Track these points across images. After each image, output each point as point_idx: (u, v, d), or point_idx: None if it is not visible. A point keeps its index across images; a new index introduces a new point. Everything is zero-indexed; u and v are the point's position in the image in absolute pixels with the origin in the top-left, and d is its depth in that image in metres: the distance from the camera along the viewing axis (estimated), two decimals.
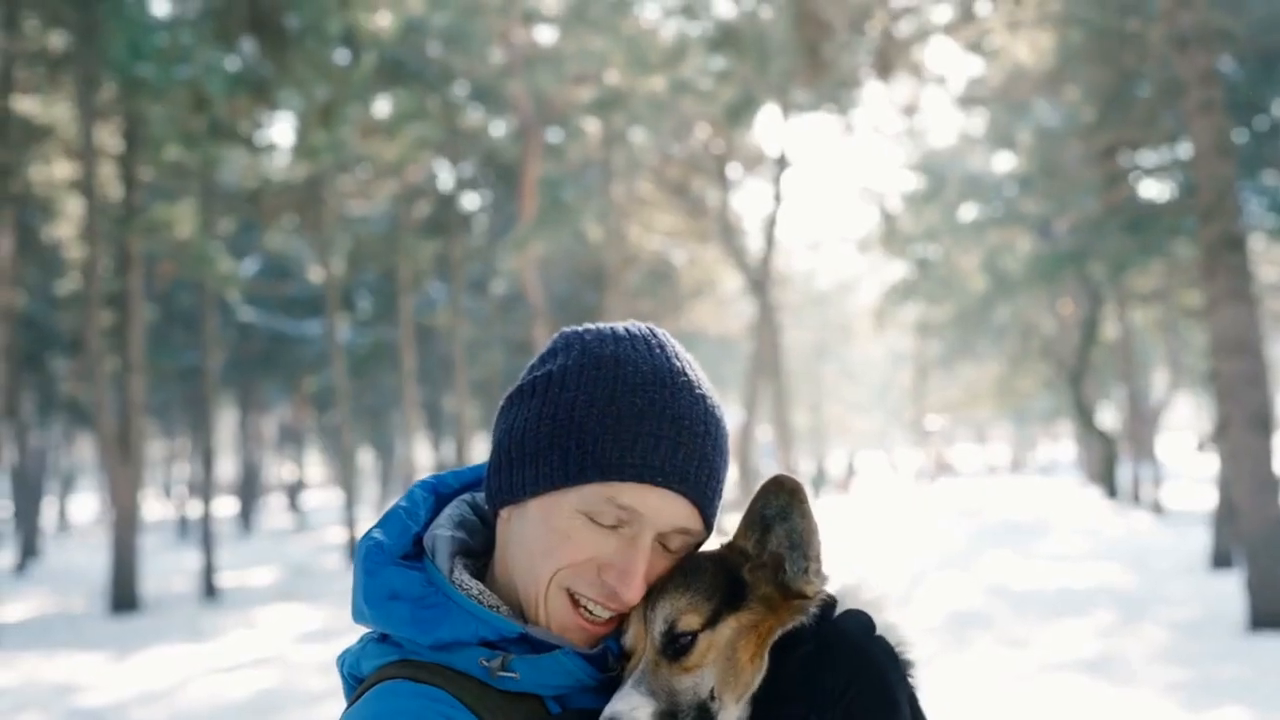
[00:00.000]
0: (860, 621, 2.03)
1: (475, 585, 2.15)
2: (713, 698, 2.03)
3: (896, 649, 2.03)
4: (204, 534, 31.13)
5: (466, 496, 2.32)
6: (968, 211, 51.07)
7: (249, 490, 60.94)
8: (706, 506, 2.12)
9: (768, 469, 60.48)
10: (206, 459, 32.88)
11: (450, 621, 2.08)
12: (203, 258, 27.79)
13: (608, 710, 2.00)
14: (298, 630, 23.72)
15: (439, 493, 2.33)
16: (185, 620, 26.07)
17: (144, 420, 32.02)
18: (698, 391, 2.15)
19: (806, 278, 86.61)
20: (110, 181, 30.76)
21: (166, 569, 37.83)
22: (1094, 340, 48.74)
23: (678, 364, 2.17)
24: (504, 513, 2.19)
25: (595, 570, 2.07)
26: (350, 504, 38.15)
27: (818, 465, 78.34)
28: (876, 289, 71.58)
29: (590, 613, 2.09)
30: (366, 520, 51.12)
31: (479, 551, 2.26)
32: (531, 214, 38.06)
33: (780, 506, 2.07)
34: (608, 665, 2.14)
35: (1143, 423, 51.08)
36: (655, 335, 2.22)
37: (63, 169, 32.82)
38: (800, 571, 2.07)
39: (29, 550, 42.27)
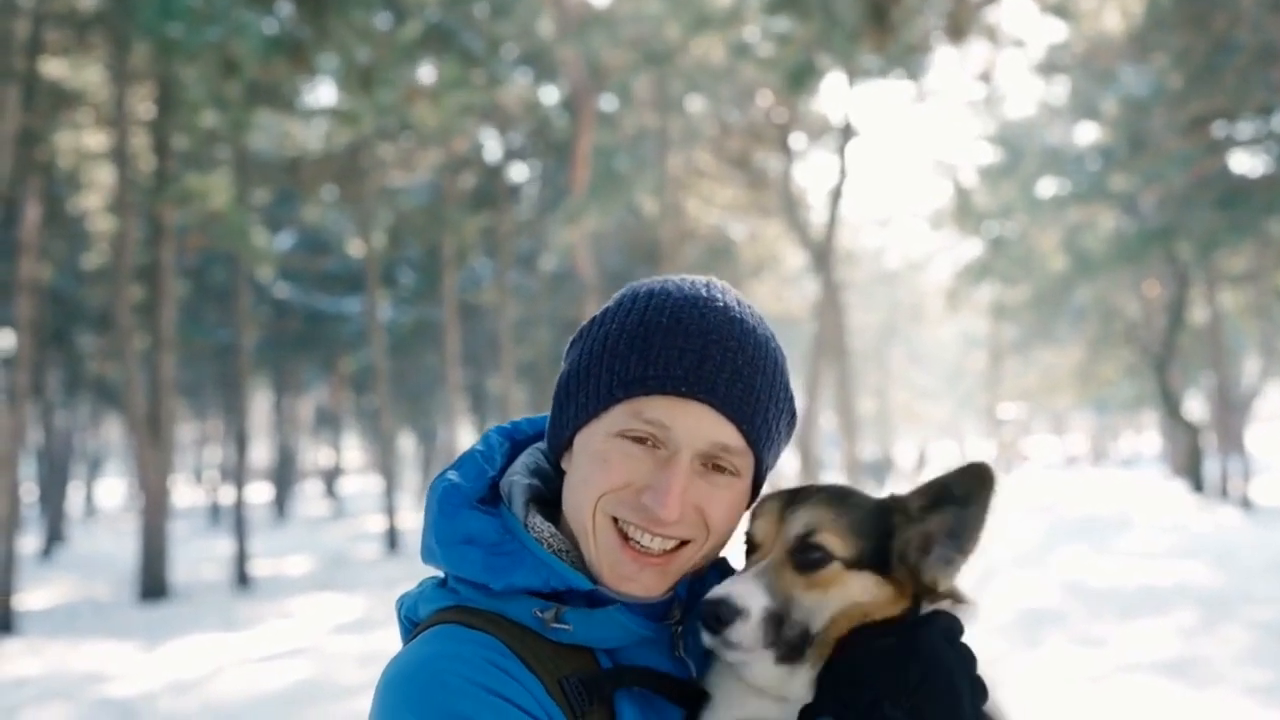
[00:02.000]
0: (947, 626, 2.10)
1: (548, 529, 2.29)
2: (813, 635, 2.13)
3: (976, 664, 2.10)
4: (236, 520, 31.41)
5: (541, 444, 2.45)
6: (1047, 186, 50.78)
7: (284, 476, 61.33)
8: (744, 422, 2.21)
9: (830, 458, 60.48)
10: (240, 442, 33.15)
11: (523, 569, 2.21)
12: (237, 230, 27.99)
13: (720, 589, 2.13)
14: (334, 621, 23.93)
15: (514, 439, 2.47)
16: (217, 609, 26.35)
17: (175, 401, 32.30)
18: (734, 314, 2.26)
19: (874, 255, 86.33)
20: (141, 150, 31.02)
21: (197, 556, 38.19)
22: (1181, 324, 48.40)
23: (717, 294, 2.29)
24: (563, 462, 2.34)
25: (635, 494, 2.18)
26: (389, 491, 38.41)
27: (884, 454, 78.14)
28: (948, 268, 71.35)
29: (640, 544, 2.20)
30: (406, 508, 51.46)
31: (552, 500, 2.37)
32: (583, 186, 38.13)
33: (966, 489, 2.15)
34: (670, 616, 2.27)
35: (1232, 412, 50.80)
36: (707, 279, 2.34)
37: (92, 137, 33.15)
38: (943, 563, 2.16)
39: (55, 535, 42.74)
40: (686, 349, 2.20)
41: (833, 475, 55.43)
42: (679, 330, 2.21)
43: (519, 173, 46.30)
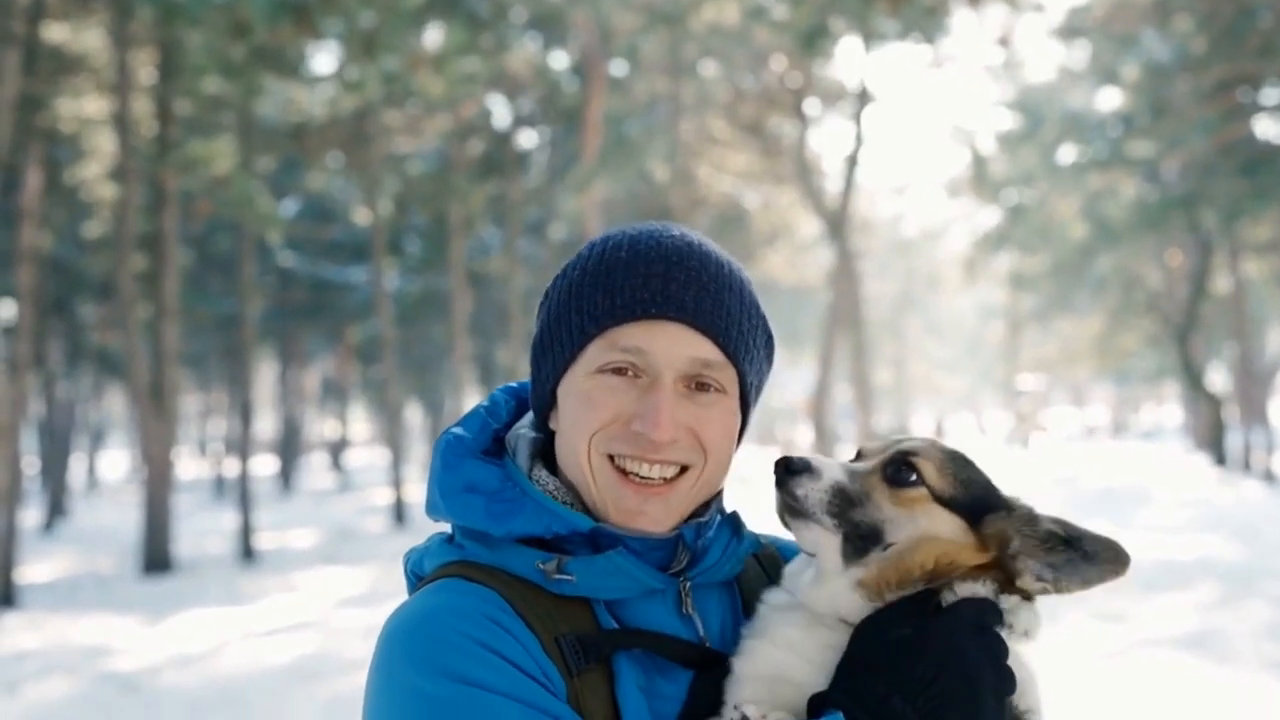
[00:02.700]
0: (976, 614, 2.12)
1: (552, 481, 2.35)
2: (884, 543, 2.19)
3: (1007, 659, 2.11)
4: (241, 493, 31.47)
5: None
6: (1067, 153, 50.65)
7: (289, 448, 61.45)
8: (719, 335, 2.26)
9: (846, 430, 60.49)
10: (244, 414, 33.18)
11: (524, 515, 2.26)
12: (242, 197, 27.98)
13: (801, 457, 2.23)
14: (340, 594, 24.00)
15: (520, 398, 2.52)
16: (221, 583, 26.42)
17: (178, 371, 32.40)
18: (690, 239, 2.33)
19: (890, 224, 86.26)
20: (144, 116, 31.02)
21: (201, 530, 38.28)
22: (1203, 294, 48.28)
23: (671, 227, 2.35)
24: (551, 422, 2.38)
25: (625, 426, 2.23)
26: (396, 463, 38.47)
27: (900, 426, 78.09)
28: (966, 237, 71.26)
29: (639, 475, 2.25)
30: (414, 481, 51.54)
31: (555, 463, 2.42)
32: (593, 153, 38.10)
33: (1096, 551, 2.20)
34: (676, 562, 2.31)
35: (1255, 384, 50.75)
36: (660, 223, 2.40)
37: (93, 103, 33.15)
38: (1033, 576, 2.20)
39: (57, 508, 42.84)
40: (650, 274, 2.25)
41: (848, 449, 55.43)
42: (639, 260, 2.27)
43: (528, 139, 46.26)
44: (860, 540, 2.19)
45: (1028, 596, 2.22)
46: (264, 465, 69.23)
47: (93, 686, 16.36)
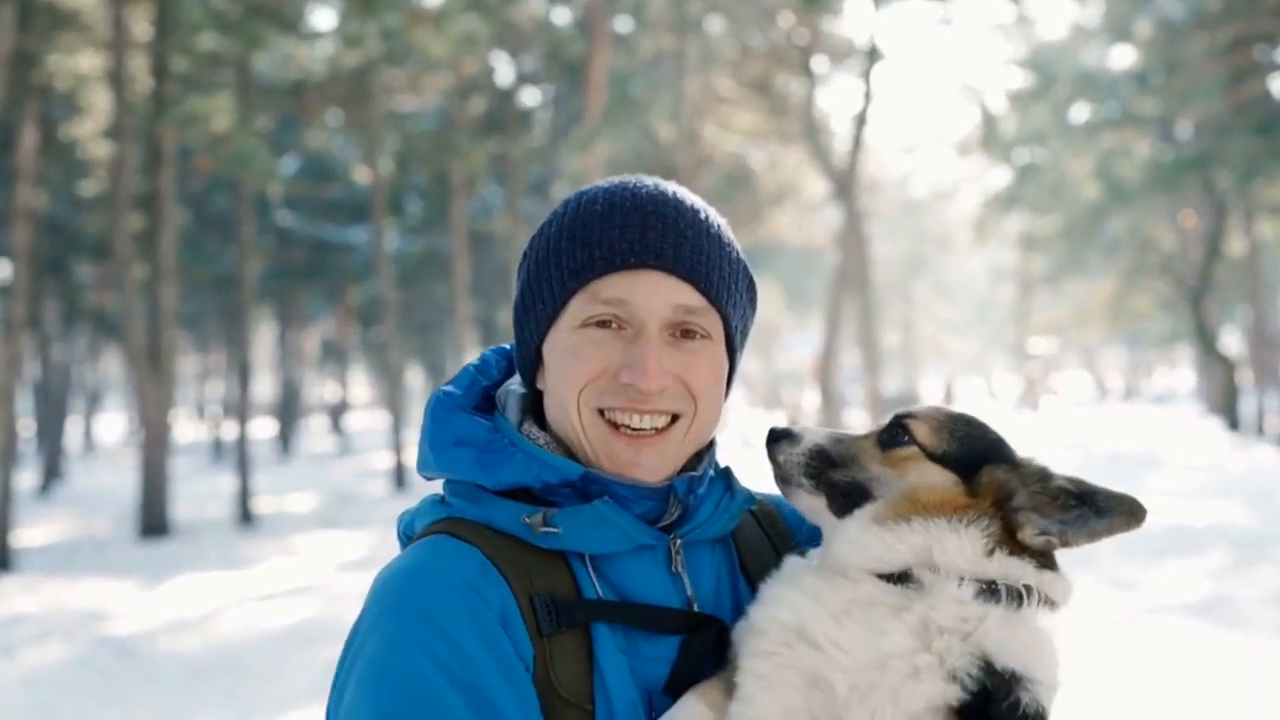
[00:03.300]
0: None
1: (542, 435, 2.38)
2: (873, 499, 2.26)
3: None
4: (240, 457, 31.52)
5: None
6: (1079, 112, 50.56)
7: (288, 411, 61.49)
8: (700, 280, 2.30)
9: (853, 394, 60.45)
10: (243, 376, 33.19)
11: (513, 464, 2.30)
12: (240, 155, 27.94)
13: (785, 426, 2.36)
14: (339, 559, 24.05)
15: (511, 357, 2.55)
16: (219, 547, 26.48)
17: (175, 332, 32.37)
18: (664, 188, 2.36)
19: (899, 184, 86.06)
20: (140, 73, 30.94)
21: (199, 493, 38.34)
22: (1217, 255, 48.16)
23: (644, 179, 2.38)
24: (539, 383, 2.41)
25: (613, 379, 2.27)
26: (397, 427, 38.49)
27: (908, 390, 78.08)
28: (976, 197, 71.18)
29: (630, 427, 2.28)
30: (414, 444, 51.40)
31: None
32: (597, 111, 38.00)
33: (1109, 507, 2.23)
34: (667, 516, 2.33)
35: (1269, 348, 50.69)
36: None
37: (89, 60, 33.06)
38: (1039, 531, 2.23)
39: (52, 471, 42.92)
40: (626, 224, 2.28)
41: (854, 412, 55.47)
42: (615, 212, 2.30)
43: (531, 97, 46.18)
44: (844, 499, 2.28)
45: (1046, 561, 2.26)
46: (263, 428, 69.26)
47: (89, 651, 16.42)
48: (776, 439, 2.37)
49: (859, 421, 47.37)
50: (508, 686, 2.13)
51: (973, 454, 2.29)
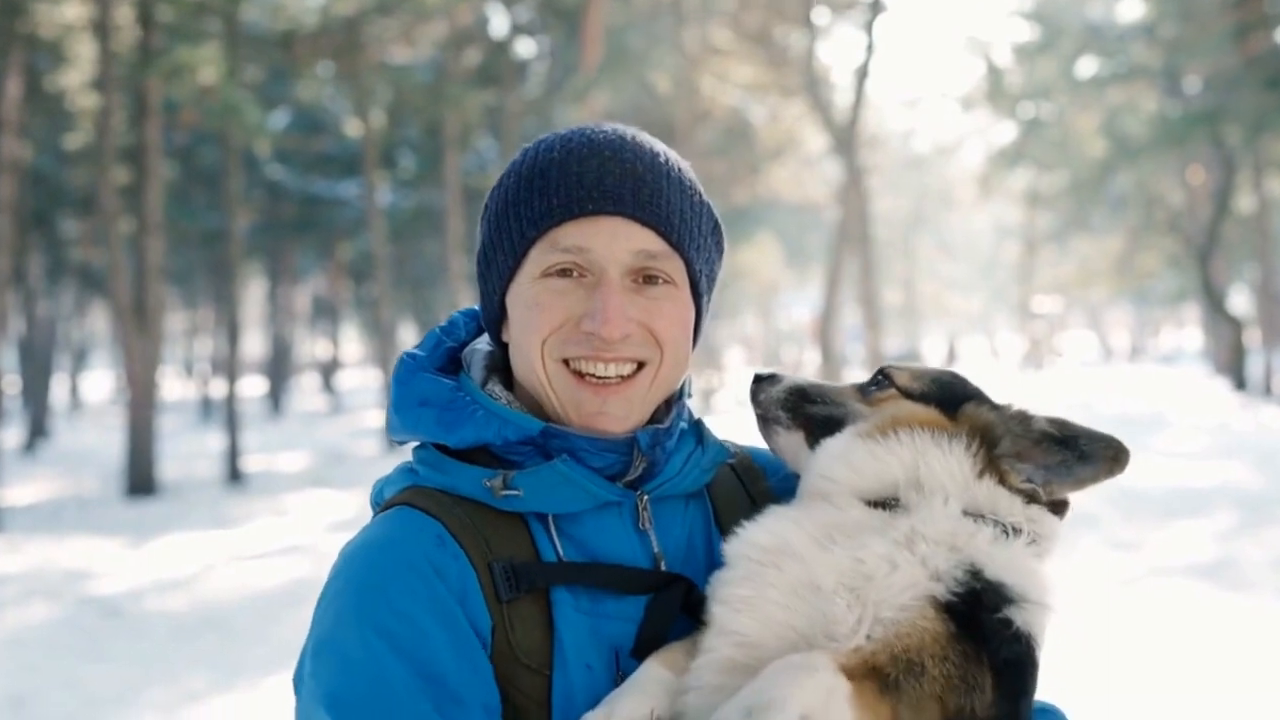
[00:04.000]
0: None
1: (506, 395, 2.39)
2: (838, 427, 2.32)
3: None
4: (228, 415, 31.49)
5: None
6: (1086, 65, 50.52)
7: (278, 369, 61.48)
8: (661, 224, 2.30)
9: (854, 353, 60.50)
10: (232, 333, 33.15)
11: (474, 421, 2.32)
12: (228, 107, 27.86)
13: (771, 370, 2.41)
14: (330, 518, 24.07)
15: (479, 318, 2.55)
16: (207, 506, 26.50)
17: (163, 288, 32.32)
18: (621, 131, 2.37)
19: (901, 138, 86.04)
20: (126, 23, 30.81)
21: (187, 452, 38.37)
22: (1226, 212, 48.08)
23: (602, 125, 2.39)
24: (504, 336, 2.42)
25: (575, 328, 2.27)
26: (388, 385, 38.43)
27: (910, 348, 78.13)
28: (980, 152, 71.18)
29: (595, 376, 2.29)
30: None
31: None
32: (594, 63, 37.91)
33: (1093, 450, 2.24)
34: (632, 470, 2.33)
35: (1278, 307, 50.63)
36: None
37: (74, 8, 32.93)
38: (1023, 477, 2.26)
39: (38, 430, 42.92)
40: (584, 171, 2.29)
41: (855, 371, 55.50)
42: (571, 158, 2.31)
43: (526, 48, 45.99)
44: (821, 431, 2.34)
45: (1033, 499, 2.26)
46: (252, 386, 69.27)
47: (75, 611, 16.44)
48: (758, 381, 2.44)
49: (859, 380, 47.49)
50: (462, 665, 2.16)
51: (952, 395, 2.34)
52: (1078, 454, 2.23)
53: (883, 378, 2.39)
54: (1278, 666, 11.94)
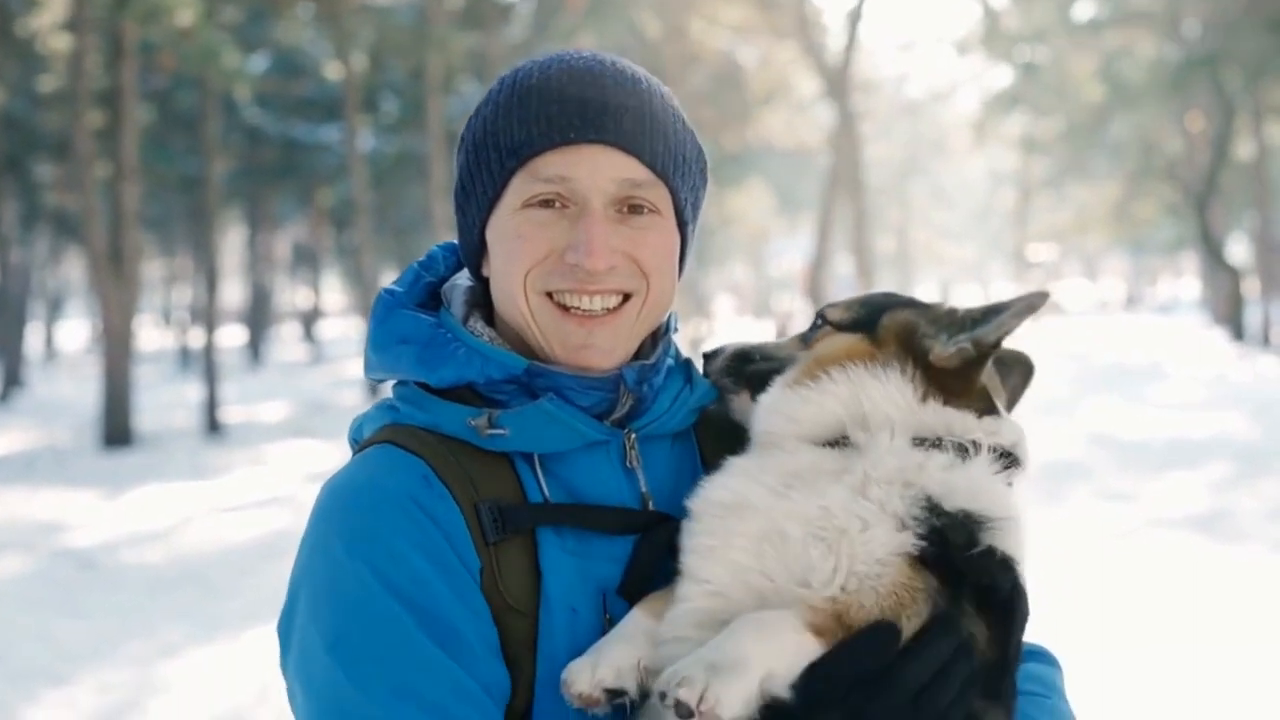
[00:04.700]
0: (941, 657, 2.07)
1: (488, 332, 2.37)
2: (776, 370, 2.34)
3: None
4: (207, 365, 31.46)
5: None
6: (1083, 8, 50.38)
7: (258, 318, 61.41)
8: (644, 152, 2.27)
9: None
10: (210, 281, 33.08)
11: (456, 360, 2.30)
12: (206, 49, 27.71)
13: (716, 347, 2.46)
14: (311, 469, 24.07)
15: (459, 253, 2.52)
16: (185, 457, 26.51)
17: (139, 235, 32.23)
18: (600, 58, 2.34)
19: (895, 83, 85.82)
20: None
21: (165, 402, 38.34)
22: (1225, 160, 48.04)
23: (582, 51, 2.36)
24: (484, 270, 2.40)
25: (559, 260, 2.25)
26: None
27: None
28: (975, 97, 71.05)
29: (580, 309, 2.27)
30: None
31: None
32: (580, 4, 37.76)
33: (1010, 301, 2.26)
34: (619, 408, 2.32)
35: (1277, 255, 50.67)
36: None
37: None
38: (945, 342, 2.26)
39: (12, 380, 42.85)
40: (564, 99, 2.26)
41: None
42: (551, 86, 2.28)
43: None
44: (763, 385, 2.34)
45: (988, 407, 2.29)
46: (231, 336, 69.18)
47: (49, 563, 16.47)
48: (707, 359, 2.48)
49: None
50: (457, 599, 2.15)
51: (875, 311, 2.34)
52: (995, 306, 2.26)
53: (819, 318, 2.40)
54: (1272, 618, 11.99)
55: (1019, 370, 2.47)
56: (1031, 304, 2.22)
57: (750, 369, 2.39)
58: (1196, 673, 10.42)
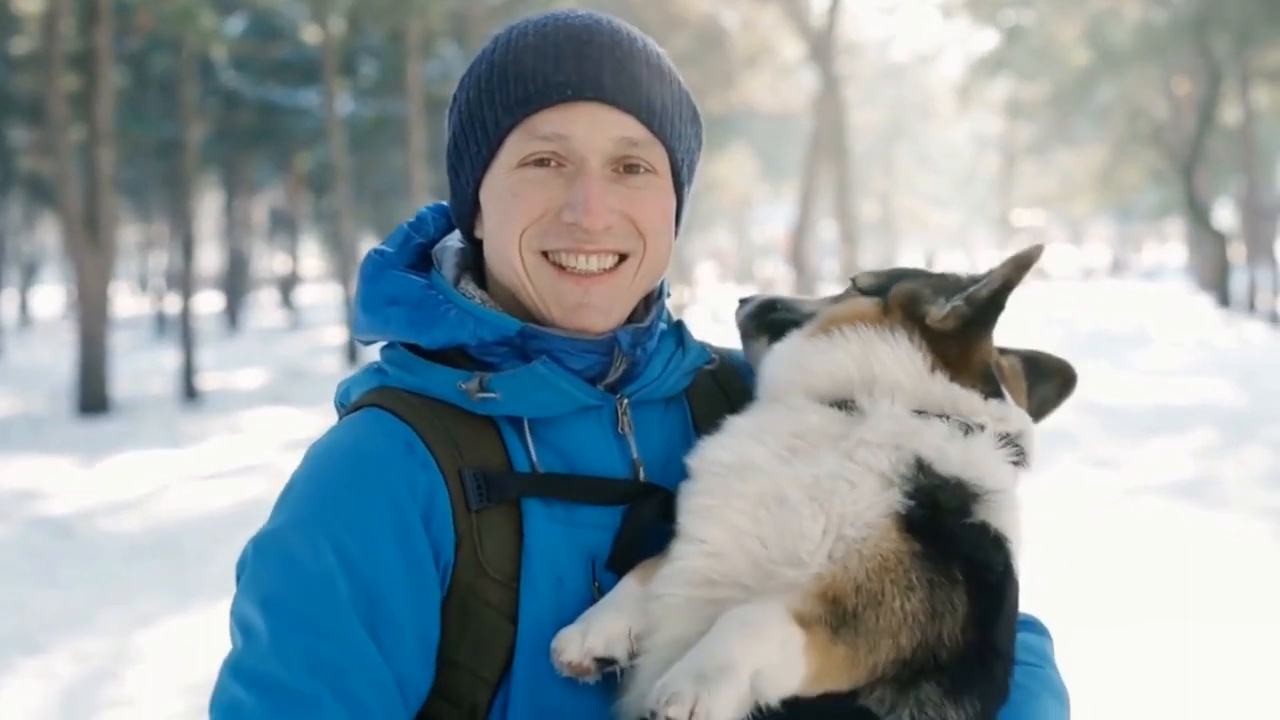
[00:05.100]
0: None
1: (480, 294, 2.36)
2: (796, 324, 2.38)
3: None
4: (183, 331, 31.38)
5: None
6: None
7: (235, 284, 61.27)
8: (641, 110, 2.27)
9: (829, 268, 60.53)
10: (187, 247, 33.02)
11: (447, 322, 2.29)
12: (183, 10, 27.65)
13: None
14: (289, 436, 24.04)
15: (449, 215, 2.51)
16: (161, 424, 26.46)
17: (115, 200, 32.13)
18: (596, 16, 2.33)
19: (879, 46, 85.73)
20: None
21: (141, 369, 38.24)
22: (1211, 125, 48.07)
23: (575, 10, 2.36)
24: (477, 232, 2.39)
25: (555, 219, 2.25)
26: (349, 301, 38.35)
27: (887, 264, 78.22)
28: (960, 61, 70.98)
29: (577, 269, 2.27)
30: None
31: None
32: None
33: (1009, 264, 2.27)
34: (613, 371, 2.32)
35: (1263, 221, 50.78)
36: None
37: None
38: (940, 305, 2.28)
39: None
40: (561, 55, 2.26)
41: (830, 287, 55.52)
42: (547, 43, 2.28)
43: None
44: (777, 337, 2.38)
45: (992, 389, 2.28)
46: (208, 302, 68.96)
47: (24, 531, 16.45)
48: (740, 304, 2.50)
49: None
50: (409, 591, 2.15)
51: (893, 279, 2.36)
52: (989, 271, 2.28)
53: (851, 282, 2.42)
54: (1256, 585, 12.04)
55: (1057, 379, 2.48)
56: (1028, 257, 2.24)
57: (773, 317, 2.42)
58: (1181, 641, 10.46)
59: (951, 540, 2.07)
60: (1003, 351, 2.39)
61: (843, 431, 2.18)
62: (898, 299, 2.30)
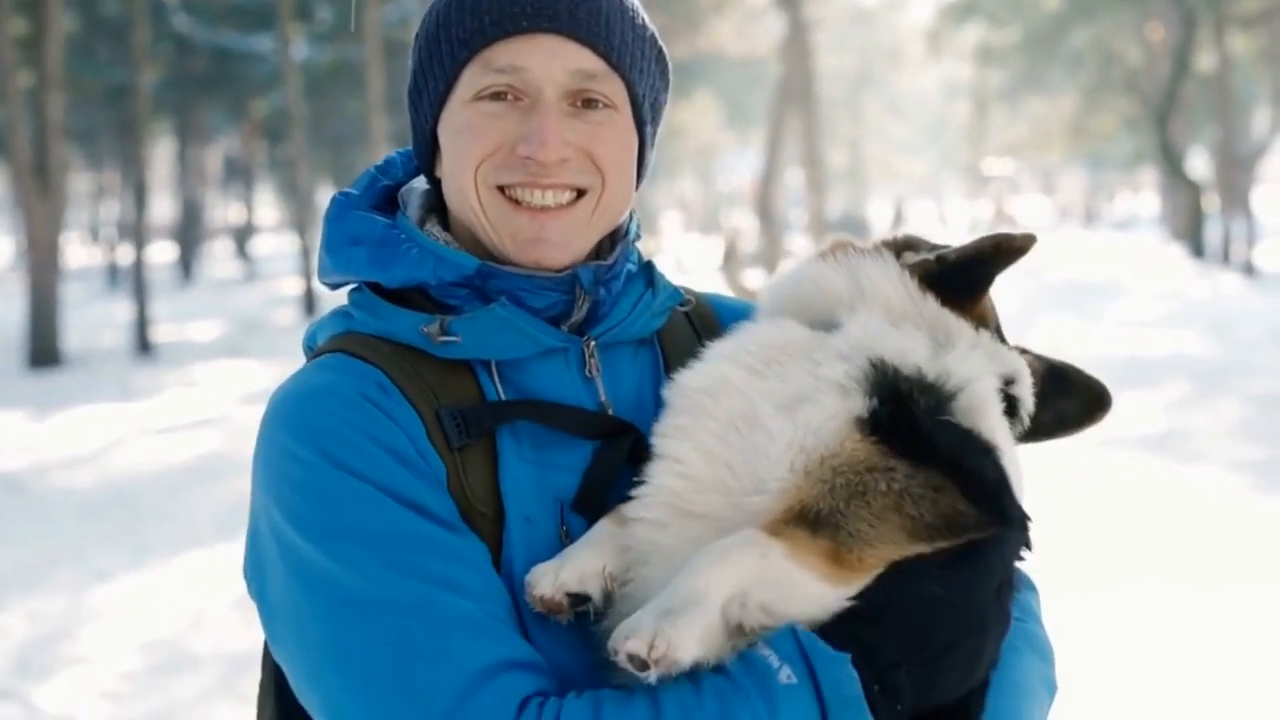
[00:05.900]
0: (1005, 565, 2.24)
1: (444, 235, 2.37)
2: None
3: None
4: (136, 282, 31.29)
5: None
6: None
7: (189, 233, 61.05)
8: (600, 43, 2.27)
9: (796, 217, 60.51)
10: (139, 196, 32.88)
11: (408, 260, 2.29)
12: None
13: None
14: (244, 389, 24.01)
15: (415, 157, 2.51)
16: (114, 377, 26.39)
17: (65, 147, 31.97)
18: None
19: None
20: None
21: (93, 321, 38.14)
22: (1185, 71, 48.02)
23: None
24: (438, 170, 2.39)
25: (510, 152, 2.25)
26: (306, 251, 38.26)
27: (855, 213, 78.20)
28: (931, 6, 70.81)
29: (533, 204, 2.26)
30: None
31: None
32: None
33: (985, 238, 2.29)
34: (575, 312, 2.32)
35: (1238, 170, 50.82)
36: None
37: None
38: (929, 250, 2.34)
39: None
40: None
41: (797, 237, 55.54)
42: None
43: None
44: None
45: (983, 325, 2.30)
46: (161, 252, 68.64)
47: None
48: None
49: (801, 246, 47.40)
50: (430, 491, 2.14)
51: (908, 245, 2.39)
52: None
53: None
54: (1230, 538, 12.13)
55: (1082, 397, 2.44)
56: (1011, 243, 2.24)
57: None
58: (1156, 595, 10.54)
59: (927, 436, 2.06)
60: (1024, 351, 2.37)
61: (820, 344, 2.19)
62: (892, 245, 2.34)
